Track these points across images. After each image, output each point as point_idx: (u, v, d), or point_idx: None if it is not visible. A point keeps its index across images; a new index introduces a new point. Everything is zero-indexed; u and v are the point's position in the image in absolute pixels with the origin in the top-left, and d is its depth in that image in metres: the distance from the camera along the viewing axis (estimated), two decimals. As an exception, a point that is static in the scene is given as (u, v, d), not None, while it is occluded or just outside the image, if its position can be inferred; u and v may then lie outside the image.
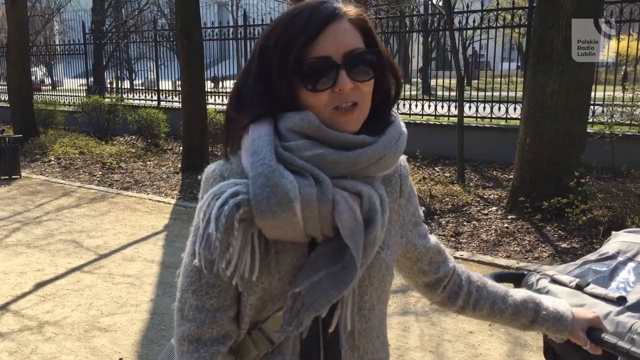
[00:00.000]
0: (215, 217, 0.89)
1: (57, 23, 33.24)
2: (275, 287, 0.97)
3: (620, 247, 1.44)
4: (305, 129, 0.92)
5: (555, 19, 5.37)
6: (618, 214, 4.97)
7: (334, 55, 0.92)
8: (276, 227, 0.90)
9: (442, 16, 9.91)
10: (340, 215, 0.91)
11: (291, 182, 0.88)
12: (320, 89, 0.92)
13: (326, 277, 0.93)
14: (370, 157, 0.94)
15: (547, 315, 1.21)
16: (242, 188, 0.91)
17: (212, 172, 1.00)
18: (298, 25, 0.92)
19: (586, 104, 5.74)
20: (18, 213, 6.56)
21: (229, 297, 1.00)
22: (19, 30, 11.73)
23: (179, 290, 1.02)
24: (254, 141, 0.92)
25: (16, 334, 3.56)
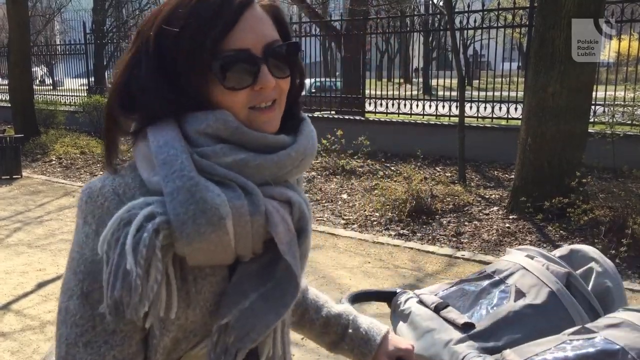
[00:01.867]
0: (131, 248, 0.70)
1: (57, 23, 33.26)
2: (193, 320, 0.81)
3: (498, 267, 1.31)
4: (221, 131, 0.78)
5: (556, 19, 5.37)
6: (619, 214, 4.97)
7: (253, 47, 0.79)
8: (204, 251, 0.74)
9: (442, 16, 9.91)
10: (275, 228, 0.79)
11: (219, 195, 0.74)
12: (239, 87, 0.79)
13: (258, 301, 0.80)
14: (294, 159, 0.82)
15: (354, 335, 1.10)
16: (157, 208, 0.73)
17: (100, 189, 0.79)
18: (209, 9, 0.77)
19: (587, 104, 5.74)
20: (19, 213, 6.56)
21: (134, 343, 0.79)
22: (20, 30, 11.73)
23: (60, 346, 0.79)
24: (160, 148, 0.76)
25: (18, 333, 3.57)
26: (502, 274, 1.28)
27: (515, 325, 1.14)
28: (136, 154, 0.82)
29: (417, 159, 7.72)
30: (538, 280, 1.21)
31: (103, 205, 0.78)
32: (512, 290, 1.22)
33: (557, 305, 1.16)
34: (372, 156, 8.62)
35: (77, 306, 0.78)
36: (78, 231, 0.81)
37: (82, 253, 0.78)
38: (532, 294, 1.18)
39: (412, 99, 9.92)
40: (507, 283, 1.25)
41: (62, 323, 0.79)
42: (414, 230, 5.54)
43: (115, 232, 0.73)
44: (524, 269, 1.25)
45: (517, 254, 1.33)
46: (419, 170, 7.49)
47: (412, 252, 5.01)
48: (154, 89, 0.78)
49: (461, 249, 5.03)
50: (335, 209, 6.44)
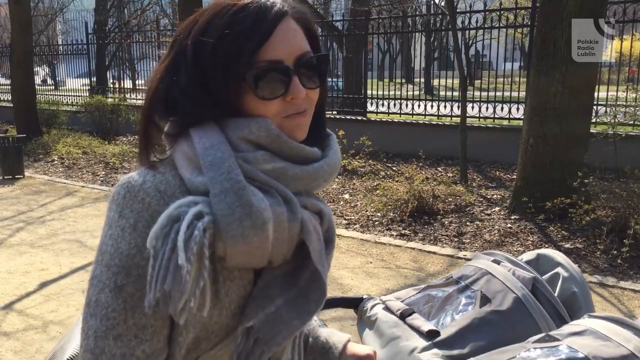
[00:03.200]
0: (183, 245, 0.72)
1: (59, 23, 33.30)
2: (216, 321, 0.82)
3: (464, 272, 1.28)
4: (262, 138, 0.80)
5: (558, 19, 5.37)
6: (621, 215, 4.96)
7: (286, 59, 0.81)
8: (244, 253, 0.76)
9: (444, 16, 9.91)
10: (309, 236, 0.81)
11: (263, 200, 0.76)
12: (271, 97, 0.81)
13: (284, 307, 0.82)
14: (326, 171, 0.85)
15: (314, 345, 1.08)
16: (204, 207, 0.75)
17: (142, 185, 0.80)
18: (246, 22, 0.79)
19: (589, 105, 5.74)
20: (22, 213, 6.57)
21: (162, 339, 0.81)
22: (22, 30, 11.75)
23: (87, 338, 0.78)
24: (207, 150, 0.78)
25: (21, 333, 3.58)
26: (468, 279, 1.26)
27: (480, 332, 1.12)
28: (177, 154, 0.83)
29: (419, 159, 7.72)
30: (503, 286, 1.18)
31: (144, 200, 0.79)
32: (477, 296, 1.19)
33: (523, 311, 1.14)
34: (373, 156, 8.62)
35: (110, 299, 0.78)
36: (112, 224, 0.81)
37: (117, 247, 0.78)
38: (498, 299, 1.16)
39: (414, 99, 9.92)
40: (473, 289, 1.22)
41: (91, 315, 0.79)
42: (416, 230, 5.54)
43: (164, 228, 0.74)
44: (489, 274, 1.23)
45: (484, 258, 1.31)
46: (420, 171, 7.49)
47: (413, 252, 5.01)
48: (194, 95, 0.80)
49: (463, 249, 5.03)
50: (337, 209, 6.45)
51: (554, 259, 1.25)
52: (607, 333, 0.94)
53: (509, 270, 1.22)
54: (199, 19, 0.83)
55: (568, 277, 1.21)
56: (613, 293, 4.06)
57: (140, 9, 26.40)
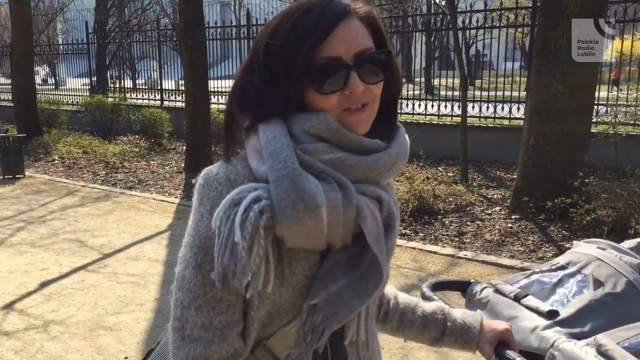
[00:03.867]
0: (239, 224, 0.82)
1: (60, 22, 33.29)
2: (286, 299, 0.91)
3: (571, 258, 1.40)
4: (322, 131, 0.88)
5: (558, 19, 5.36)
6: (622, 214, 4.96)
7: (345, 55, 0.87)
8: (300, 235, 0.84)
9: (445, 16, 9.90)
10: (365, 221, 0.87)
11: (317, 186, 0.84)
12: (329, 92, 0.87)
13: (345, 287, 0.89)
14: (387, 162, 0.91)
15: (453, 328, 1.15)
16: (263, 192, 0.84)
17: (216, 175, 0.90)
18: (307, 23, 0.86)
19: (590, 104, 5.73)
20: (22, 212, 6.58)
21: (237, 312, 0.92)
22: (22, 30, 11.76)
23: (176, 308, 0.92)
24: (268, 142, 0.86)
25: (22, 332, 3.58)
26: (576, 265, 1.37)
27: (598, 312, 1.22)
28: (247, 146, 0.92)
29: (420, 159, 7.71)
30: (614, 271, 1.29)
31: (217, 189, 0.89)
32: (589, 279, 1.30)
33: (635, 293, 1.25)
34: (374, 156, 8.59)
35: (192, 275, 0.90)
36: (195, 211, 0.91)
37: (198, 230, 0.89)
38: (611, 283, 1.27)
39: (414, 99, 9.91)
40: (584, 273, 1.33)
41: (179, 289, 0.92)
42: (416, 230, 5.54)
43: (227, 211, 0.84)
44: (598, 260, 1.34)
45: (588, 246, 1.42)
46: (421, 170, 7.49)
47: (414, 252, 5.01)
48: (264, 92, 0.89)
49: (463, 249, 5.02)
50: (337, 208, 6.44)
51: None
52: None
53: (616, 256, 1.34)
54: (272, 22, 0.92)
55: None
56: (614, 293, 4.05)
57: (140, 8, 26.37)
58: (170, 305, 0.95)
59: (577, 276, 1.34)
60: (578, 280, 1.32)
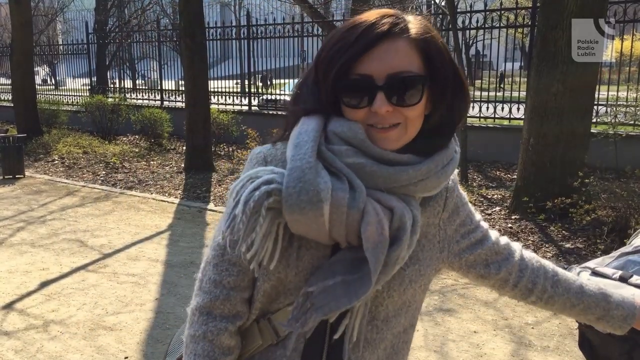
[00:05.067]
0: (244, 200, 0.89)
1: (60, 23, 33.30)
2: (291, 280, 0.97)
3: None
4: (351, 139, 0.92)
5: (558, 19, 5.37)
6: (622, 214, 4.96)
7: (376, 75, 0.90)
8: (301, 223, 0.89)
9: (445, 16, 9.90)
10: (366, 226, 0.89)
11: (325, 182, 0.88)
12: (355, 107, 0.92)
13: (341, 284, 0.92)
14: (412, 176, 0.93)
15: (615, 314, 1.18)
16: (278, 177, 0.90)
17: (258, 153, 1.01)
18: (349, 39, 0.91)
19: (590, 104, 5.73)
20: (22, 212, 6.58)
21: (247, 279, 1.01)
22: (22, 30, 11.76)
23: (203, 261, 1.04)
24: (299, 135, 0.93)
25: (22, 332, 3.58)
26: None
27: None
28: (290, 134, 0.97)
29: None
30: None
31: (254, 166, 0.99)
32: None
33: None
34: (374, 156, 8.60)
35: (219, 239, 1.01)
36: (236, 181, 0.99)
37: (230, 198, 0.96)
38: None
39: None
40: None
41: (210, 247, 1.03)
42: (416, 230, 5.53)
43: (242, 185, 0.92)
44: None
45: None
46: (421, 170, 7.48)
47: (414, 252, 5.00)
48: (311, 92, 0.97)
49: (463, 249, 5.02)
50: (337, 208, 6.44)
51: None
52: None
53: None
54: (332, 33, 0.98)
55: None
56: (614, 293, 4.05)
57: (140, 8, 26.38)
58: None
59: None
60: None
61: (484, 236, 1.15)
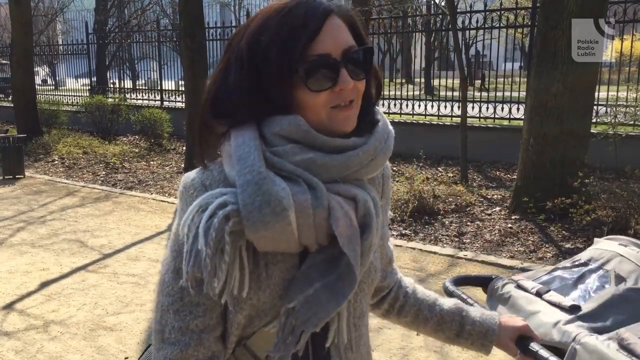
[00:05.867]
0: (203, 231, 0.82)
1: (60, 23, 33.30)
2: (264, 301, 0.90)
3: (593, 255, 1.40)
4: (293, 134, 0.87)
5: (558, 19, 5.37)
6: (622, 215, 4.96)
7: (334, 52, 0.87)
8: (269, 239, 0.84)
9: (445, 16, 9.91)
10: (336, 222, 0.85)
11: (284, 189, 0.82)
12: (321, 89, 0.87)
13: (322, 289, 0.88)
14: (362, 159, 0.89)
15: (472, 330, 1.16)
16: (230, 198, 0.83)
17: (192, 181, 0.91)
18: (296, 22, 0.85)
19: (590, 104, 5.74)
20: (22, 212, 6.58)
21: (215, 316, 0.92)
22: (22, 30, 11.76)
23: (157, 311, 0.93)
24: (238, 147, 0.86)
25: (22, 333, 3.58)
26: (598, 261, 1.37)
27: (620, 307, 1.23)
28: (223, 152, 0.91)
29: (419, 159, 7.71)
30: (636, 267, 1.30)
31: (193, 194, 0.90)
32: (611, 275, 1.30)
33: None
34: (374, 156, 8.59)
35: (171, 279, 0.91)
36: (176, 217, 0.92)
37: (177, 234, 0.90)
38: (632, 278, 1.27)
39: (414, 99, 9.92)
40: (606, 269, 1.33)
41: (160, 292, 0.93)
42: (416, 230, 5.54)
43: (194, 217, 0.84)
44: (620, 256, 1.34)
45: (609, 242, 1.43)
46: (421, 171, 7.49)
47: (414, 252, 5.01)
48: (241, 97, 0.87)
49: (463, 249, 5.03)
50: (337, 209, 6.44)
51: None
52: None
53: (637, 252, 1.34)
54: (252, 23, 0.90)
55: None
56: (614, 293, 4.06)
57: (140, 9, 26.39)
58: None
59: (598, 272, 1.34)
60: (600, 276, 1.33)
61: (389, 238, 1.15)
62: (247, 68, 0.87)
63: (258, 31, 0.87)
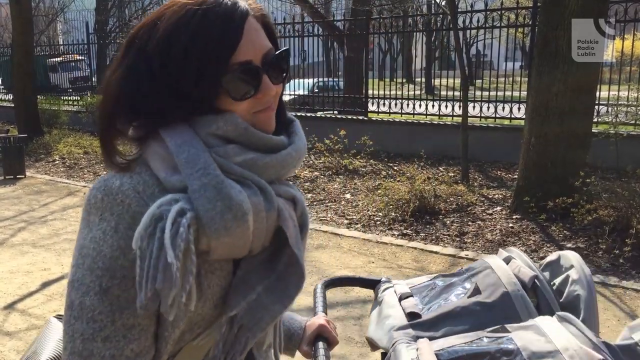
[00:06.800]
0: (170, 242, 0.73)
1: (60, 23, 33.31)
2: (199, 313, 0.83)
3: (474, 265, 1.36)
4: (230, 132, 0.82)
5: (560, 19, 5.37)
6: (623, 214, 4.96)
7: (254, 59, 0.83)
8: (227, 245, 0.78)
9: (445, 16, 9.90)
10: (286, 223, 0.84)
11: (241, 192, 0.78)
12: (244, 97, 0.82)
13: (265, 293, 0.85)
14: (295, 158, 0.87)
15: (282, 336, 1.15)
16: (185, 204, 0.76)
17: (119, 187, 0.79)
18: (215, 25, 0.79)
19: (591, 104, 5.74)
20: (23, 212, 6.58)
21: (150, 336, 0.82)
22: (23, 31, 11.76)
23: (73, 341, 0.78)
24: (180, 148, 0.79)
25: (23, 332, 3.58)
26: (472, 271, 1.32)
27: (459, 319, 1.16)
28: (149, 154, 0.83)
29: (420, 159, 7.72)
30: (497, 280, 1.22)
31: (124, 202, 0.79)
32: (472, 287, 1.25)
33: (509, 305, 1.17)
34: (375, 156, 8.61)
35: (95, 302, 0.78)
36: (91, 228, 0.80)
37: (100, 250, 0.78)
38: (487, 292, 1.20)
39: (414, 99, 9.92)
40: (473, 281, 1.28)
41: (75, 319, 0.79)
42: (417, 230, 5.54)
43: (148, 228, 0.75)
44: (490, 269, 1.28)
45: (499, 255, 1.36)
46: (422, 170, 7.49)
47: (415, 252, 5.01)
48: (162, 97, 0.80)
49: (464, 248, 5.03)
50: (338, 208, 6.45)
51: (569, 260, 1.28)
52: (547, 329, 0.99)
53: (515, 267, 1.27)
54: (160, 22, 0.81)
55: (577, 279, 1.23)
56: (615, 293, 4.06)
57: (141, 8, 26.39)
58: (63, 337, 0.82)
59: (465, 283, 1.29)
60: (463, 287, 1.28)
61: None
62: (162, 72, 0.80)
63: (170, 35, 0.79)
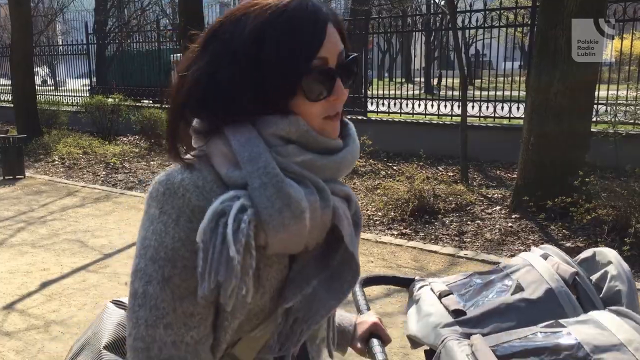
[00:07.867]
0: (232, 237, 0.77)
1: (59, 23, 33.28)
2: (257, 304, 0.87)
3: (512, 262, 1.38)
4: (292, 134, 0.84)
5: (559, 18, 5.37)
6: (622, 213, 4.96)
7: (332, 62, 0.85)
8: (285, 241, 0.82)
9: (444, 15, 9.91)
10: (341, 222, 0.87)
11: (299, 190, 0.81)
12: (318, 99, 0.85)
13: (320, 287, 0.88)
14: (350, 160, 0.90)
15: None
16: (246, 201, 0.79)
17: (181, 182, 0.82)
18: (303, 27, 0.82)
19: (590, 104, 5.74)
20: (22, 213, 6.58)
21: (209, 325, 0.86)
22: (22, 31, 11.76)
23: (137, 327, 0.83)
24: (243, 146, 0.82)
25: (23, 333, 3.58)
26: (510, 269, 1.33)
27: (505, 316, 1.18)
28: (212, 150, 0.86)
29: (420, 159, 7.72)
30: (539, 277, 1.24)
31: (184, 196, 0.82)
32: (513, 284, 1.26)
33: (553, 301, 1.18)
34: (374, 156, 8.62)
35: (158, 290, 0.82)
36: (153, 220, 0.83)
37: (162, 241, 0.82)
38: (531, 289, 1.22)
39: (414, 99, 9.92)
40: (512, 278, 1.29)
41: (139, 306, 0.83)
42: (417, 229, 5.54)
43: (211, 223, 0.78)
44: (529, 266, 1.29)
45: (534, 252, 1.38)
46: (421, 170, 7.49)
47: (414, 251, 5.01)
48: (236, 93, 0.83)
49: (464, 248, 5.03)
50: (337, 208, 6.44)
51: (606, 257, 1.29)
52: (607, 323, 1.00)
53: (554, 264, 1.28)
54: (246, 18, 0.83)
55: (616, 275, 1.24)
56: (614, 292, 4.06)
57: (140, 9, 26.39)
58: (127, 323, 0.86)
59: (505, 280, 1.30)
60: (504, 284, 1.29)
61: None
62: (246, 66, 0.82)
63: (258, 34, 0.82)
